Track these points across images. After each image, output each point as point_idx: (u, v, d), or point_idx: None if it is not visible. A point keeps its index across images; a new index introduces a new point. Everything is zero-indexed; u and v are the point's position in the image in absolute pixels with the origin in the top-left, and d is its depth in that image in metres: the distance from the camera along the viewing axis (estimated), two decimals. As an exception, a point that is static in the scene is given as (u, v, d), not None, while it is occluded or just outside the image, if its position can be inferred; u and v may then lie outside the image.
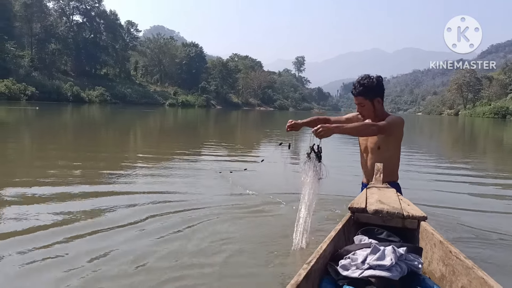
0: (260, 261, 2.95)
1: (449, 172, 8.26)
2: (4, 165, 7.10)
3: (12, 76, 56.47)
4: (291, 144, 3.41)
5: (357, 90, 3.03)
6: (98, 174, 6.44)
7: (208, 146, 11.48)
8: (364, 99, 3.03)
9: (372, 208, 2.25)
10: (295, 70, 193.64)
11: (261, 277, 2.71)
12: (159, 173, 6.64)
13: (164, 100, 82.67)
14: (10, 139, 11.59)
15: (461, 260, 1.72)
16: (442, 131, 31.06)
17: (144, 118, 29.37)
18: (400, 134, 3.07)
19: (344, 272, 1.74)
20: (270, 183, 6.04)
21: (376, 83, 3.01)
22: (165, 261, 2.91)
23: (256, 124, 29.96)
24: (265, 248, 3.21)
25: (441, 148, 16.49)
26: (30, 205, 4.25)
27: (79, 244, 3.19)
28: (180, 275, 2.66)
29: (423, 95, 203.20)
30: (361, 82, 3.02)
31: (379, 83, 3.04)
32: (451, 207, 4.84)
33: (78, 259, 2.87)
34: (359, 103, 3.07)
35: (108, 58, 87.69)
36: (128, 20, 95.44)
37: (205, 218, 3.96)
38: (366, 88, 3.00)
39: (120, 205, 4.38)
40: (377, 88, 3.03)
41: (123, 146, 11.50)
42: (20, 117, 23.61)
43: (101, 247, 3.09)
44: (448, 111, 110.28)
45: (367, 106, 3.05)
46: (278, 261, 2.94)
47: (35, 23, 72.90)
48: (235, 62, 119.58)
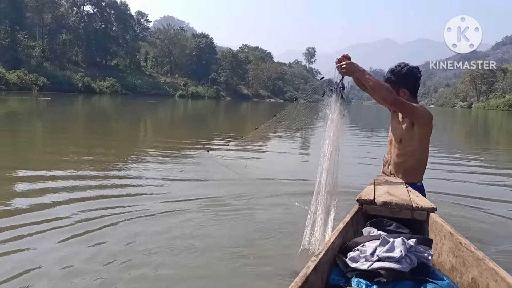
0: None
1: (461, 163, 8.17)
2: (29, 152, 7.52)
3: (24, 66, 56.97)
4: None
5: (386, 76, 2.89)
6: (114, 163, 6.57)
7: (218, 138, 11.41)
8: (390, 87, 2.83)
9: (381, 200, 2.22)
10: (305, 62, 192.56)
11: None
12: (173, 166, 6.57)
13: (174, 92, 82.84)
14: (28, 128, 12.27)
15: (472, 252, 1.69)
16: (455, 123, 30.65)
17: (155, 109, 29.46)
18: (426, 127, 2.75)
19: (353, 264, 1.73)
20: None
21: (404, 72, 2.80)
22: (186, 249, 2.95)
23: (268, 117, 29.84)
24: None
25: (454, 141, 16.24)
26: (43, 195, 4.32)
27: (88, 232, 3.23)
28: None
29: (436, 87, 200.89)
30: (392, 69, 2.88)
31: (408, 74, 2.81)
32: (464, 196, 4.85)
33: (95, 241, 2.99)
34: None
35: (119, 49, 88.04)
36: (139, 11, 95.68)
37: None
38: (393, 75, 2.83)
39: (129, 193, 4.46)
40: (403, 78, 2.80)
41: (135, 136, 11.85)
42: (34, 107, 23.96)
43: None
44: (461, 103, 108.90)
45: None
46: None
47: (46, 14, 73.41)
48: (245, 53, 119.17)
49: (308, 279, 1.46)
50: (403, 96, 2.77)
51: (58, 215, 3.60)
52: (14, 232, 3.13)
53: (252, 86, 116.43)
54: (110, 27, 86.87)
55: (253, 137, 7.76)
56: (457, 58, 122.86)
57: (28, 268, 2.52)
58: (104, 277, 2.47)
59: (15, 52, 61.37)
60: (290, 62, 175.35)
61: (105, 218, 3.54)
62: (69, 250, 2.84)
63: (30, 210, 3.72)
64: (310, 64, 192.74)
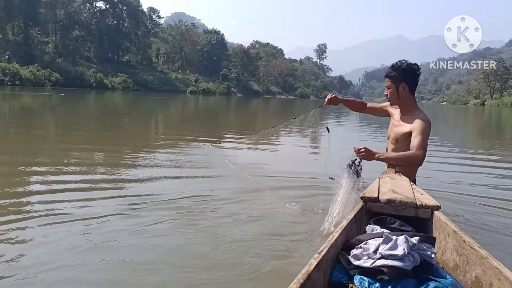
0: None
1: (472, 163, 8.08)
2: (52, 145, 7.97)
3: (37, 62, 57.51)
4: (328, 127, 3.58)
5: (387, 71, 3.04)
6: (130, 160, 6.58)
7: (229, 134, 11.44)
8: (390, 82, 3.02)
9: (385, 197, 2.22)
10: (316, 58, 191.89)
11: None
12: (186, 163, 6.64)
13: (186, 88, 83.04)
14: (50, 122, 12.85)
15: (475, 250, 1.69)
16: (467, 121, 30.29)
17: (166, 105, 29.57)
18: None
19: (356, 262, 1.73)
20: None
21: (404, 67, 2.95)
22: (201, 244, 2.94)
23: (281, 114, 29.79)
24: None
25: (465, 139, 16.09)
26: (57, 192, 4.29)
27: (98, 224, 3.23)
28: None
29: (448, 84, 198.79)
30: (393, 64, 3.02)
31: (408, 69, 2.95)
32: (471, 195, 4.79)
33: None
34: (387, 86, 3.07)
35: (131, 44, 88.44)
36: (150, 7, 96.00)
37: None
38: (394, 71, 2.98)
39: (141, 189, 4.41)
40: (403, 73, 2.95)
41: (150, 132, 12.03)
42: (50, 102, 24.26)
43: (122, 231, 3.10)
44: (474, 100, 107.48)
45: (392, 90, 3.02)
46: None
47: (59, 10, 73.91)
48: (256, 49, 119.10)
49: (311, 276, 1.46)
50: (402, 90, 2.97)
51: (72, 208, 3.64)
52: (25, 225, 3.15)
53: (263, 83, 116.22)
54: (122, 23, 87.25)
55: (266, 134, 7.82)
56: (471, 55, 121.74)
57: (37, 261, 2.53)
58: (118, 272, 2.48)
59: (28, 48, 62.00)
60: (301, 59, 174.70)
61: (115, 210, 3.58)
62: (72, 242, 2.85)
63: (41, 204, 3.74)
64: (321, 61, 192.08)
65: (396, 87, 2.97)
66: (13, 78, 50.61)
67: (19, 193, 4.15)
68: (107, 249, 2.77)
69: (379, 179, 2.66)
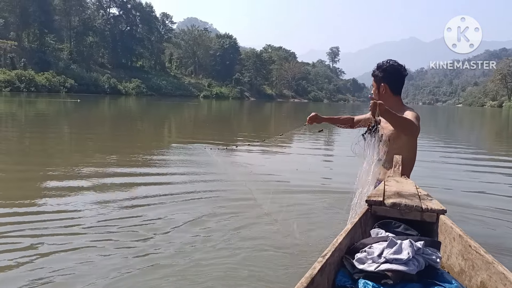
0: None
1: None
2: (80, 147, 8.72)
3: (52, 68, 58.41)
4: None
5: (373, 71, 3.00)
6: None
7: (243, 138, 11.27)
8: (373, 81, 2.99)
9: (390, 201, 2.19)
10: (329, 61, 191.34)
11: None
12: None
13: (199, 92, 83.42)
14: (73, 127, 13.62)
15: (481, 255, 1.67)
16: (484, 124, 29.69)
17: (181, 110, 29.73)
18: (417, 134, 2.90)
19: (360, 266, 1.71)
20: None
21: (385, 67, 2.89)
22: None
23: (294, 118, 29.72)
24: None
25: (483, 142, 15.67)
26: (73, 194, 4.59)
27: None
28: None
29: (463, 85, 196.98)
30: (378, 64, 2.97)
31: (389, 69, 2.88)
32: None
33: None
34: (372, 85, 3.06)
35: (144, 50, 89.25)
36: (163, 12, 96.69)
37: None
38: (376, 70, 2.93)
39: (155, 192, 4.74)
40: (383, 73, 2.89)
41: (165, 135, 12.64)
42: (69, 108, 24.81)
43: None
44: (490, 102, 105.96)
45: (374, 90, 2.99)
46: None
47: (74, 17, 75.01)
48: (269, 53, 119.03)
49: (314, 280, 1.44)
50: (382, 91, 2.90)
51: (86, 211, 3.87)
52: (38, 227, 3.38)
53: (276, 86, 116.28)
54: (136, 28, 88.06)
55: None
56: (486, 55, 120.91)
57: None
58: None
59: (43, 55, 62.93)
60: (313, 62, 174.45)
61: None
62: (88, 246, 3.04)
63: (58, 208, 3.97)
64: (333, 64, 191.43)
65: (378, 87, 2.94)
66: (28, 84, 51.39)
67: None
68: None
69: (384, 182, 2.62)
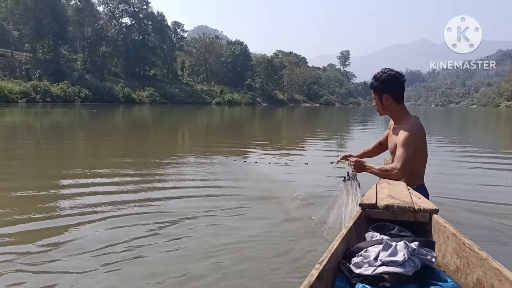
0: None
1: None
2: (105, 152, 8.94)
3: (67, 79, 59.11)
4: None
5: (370, 82, 2.96)
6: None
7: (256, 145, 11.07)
8: (374, 94, 2.96)
9: (383, 203, 2.21)
10: (340, 65, 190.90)
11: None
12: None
13: (211, 99, 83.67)
14: (102, 137, 13.85)
15: (475, 252, 1.71)
16: (499, 126, 29.08)
17: (194, 117, 29.72)
18: (418, 146, 2.83)
19: (357, 270, 1.73)
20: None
21: (385, 78, 2.84)
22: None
23: (307, 123, 29.41)
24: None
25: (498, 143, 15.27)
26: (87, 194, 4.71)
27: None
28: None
29: (476, 86, 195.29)
30: (375, 75, 2.92)
31: (389, 79, 2.84)
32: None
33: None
34: (373, 97, 3.01)
35: (156, 58, 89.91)
36: (175, 21, 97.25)
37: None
38: (375, 81, 2.89)
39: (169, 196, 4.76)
40: (383, 84, 2.86)
41: (181, 142, 12.64)
42: (86, 118, 24.95)
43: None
44: (506, 103, 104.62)
45: (377, 101, 2.97)
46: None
47: (87, 27, 75.92)
48: (280, 58, 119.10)
49: (312, 287, 1.44)
50: (385, 101, 2.90)
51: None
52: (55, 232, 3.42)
53: (287, 91, 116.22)
54: (148, 37, 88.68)
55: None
56: (499, 55, 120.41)
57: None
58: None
59: (58, 66, 63.66)
60: (324, 66, 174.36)
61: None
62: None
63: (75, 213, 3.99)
64: (344, 67, 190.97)
65: (380, 98, 2.92)
66: (44, 95, 51.96)
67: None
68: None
69: (376, 185, 2.64)
